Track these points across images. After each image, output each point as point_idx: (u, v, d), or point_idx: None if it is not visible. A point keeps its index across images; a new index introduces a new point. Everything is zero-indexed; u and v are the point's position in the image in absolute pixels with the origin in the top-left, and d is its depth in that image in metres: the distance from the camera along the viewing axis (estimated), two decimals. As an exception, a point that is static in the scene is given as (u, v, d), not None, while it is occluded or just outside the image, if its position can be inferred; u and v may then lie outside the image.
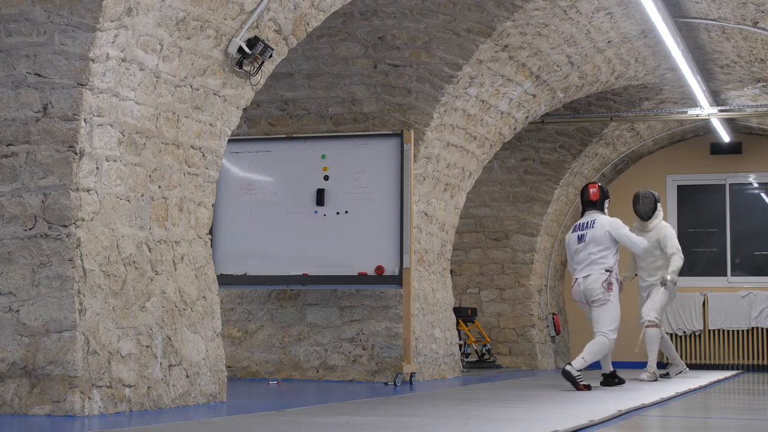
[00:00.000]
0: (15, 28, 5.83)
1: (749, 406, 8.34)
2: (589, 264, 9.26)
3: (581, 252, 9.31)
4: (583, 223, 9.46)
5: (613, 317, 9.18)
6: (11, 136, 5.97)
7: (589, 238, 9.31)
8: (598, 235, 9.26)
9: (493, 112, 11.16)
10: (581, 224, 9.48)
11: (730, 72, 12.57)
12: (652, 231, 10.84)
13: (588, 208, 9.50)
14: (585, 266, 9.29)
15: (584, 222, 9.45)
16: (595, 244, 9.25)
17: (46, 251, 5.87)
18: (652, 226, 10.89)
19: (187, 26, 6.38)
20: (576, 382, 8.79)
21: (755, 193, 16.22)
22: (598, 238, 9.25)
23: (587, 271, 9.26)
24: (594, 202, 9.46)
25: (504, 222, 14.58)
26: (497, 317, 14.41)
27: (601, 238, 9.25)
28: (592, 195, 9.46)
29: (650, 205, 10.93)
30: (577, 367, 8.87)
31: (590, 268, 9.25)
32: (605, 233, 9.25)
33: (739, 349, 15.47)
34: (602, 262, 9.21)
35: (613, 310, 9.18)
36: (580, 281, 9.30)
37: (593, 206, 9.47)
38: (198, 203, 7.00)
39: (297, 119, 10.38)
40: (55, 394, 5.73)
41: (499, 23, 9.55)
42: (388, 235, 9.65)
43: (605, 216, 9.45)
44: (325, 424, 5.52)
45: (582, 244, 9.33)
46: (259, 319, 10.48)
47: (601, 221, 9.35)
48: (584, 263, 9.29)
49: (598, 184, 9.58)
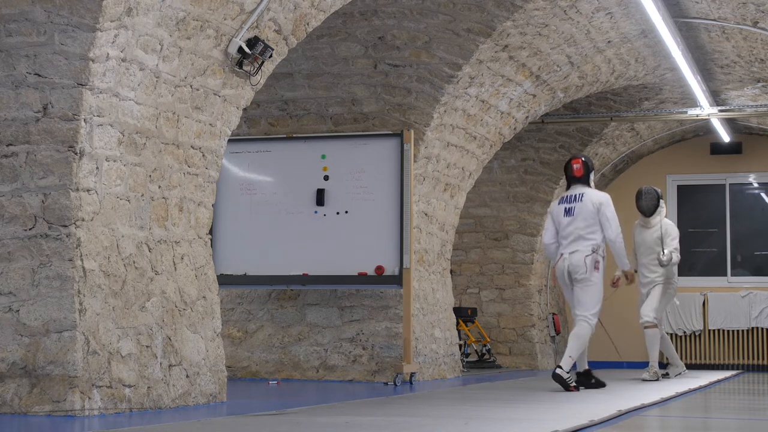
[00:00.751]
0: (15, 28, 5.83)
1: (749, 406, 8.34)
2: (575, 239, 8.85)
3: (568, 226, 8.90)
4: (571, 196, 9.03)
5: (596, 300, 8.79)
6: (11, 136, 5.97)
7: (577, 211, 8.89)
8: (587, 209, 8.87)
9: (493, 112, 11.16)
10: (568, 197, 9.04)
11: (730, 72, 12.57)
12: (654, 227, 10.78)
13: (573, 182, 9.11)
14: (571, 241, 8.88)
15: (572, 194, 9.03)
16: (582, 219, 8.85)
17: (46, 251, 5.87)
18: (654, 223, 10.83)
19: (187, 26, 6.38)
20: (567, 384, 8.57)
21: (755, 193, 16.22)
22: (587, 211, 8.86)
23: (574, 247, 8.85)
24: (579, 178, 9.07)
25: (504, 222, 14.58)
26: (497, 317, 14.41)
27: (590, 212, 8.86)
28: (575, 171, 9.07)
29: (653, 201, 10.84)
30: (566, 368, 8.62)
31: (577, 244, 8.84)
32: (594, 207, 8.87)
33: (739, 349, 15.47)
34: (590, 238, 8.81)
35: (596, 293, 8.78)
36: (565, 257, 8.87)
37: (578, 181, 9.07)
38: (198, 203, 7.00)
39: (297, 119, 10.38)
40: (55, 394, 5.73)
41: (499, 23, 9.55)
42: (388, 235, 9.66)
43: (594, 190, 9.07)
44: (325, 424, 5.52)
45: (569, 217, 8.92)
46: (259, 319, 10.48)
47: (590, 195, 8.96)
48: (570, 238, 8.88)
49: (581, 158, 9.15)
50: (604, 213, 8.86)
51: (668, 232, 10.74)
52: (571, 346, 8.82)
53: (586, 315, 8.81)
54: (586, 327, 8.82)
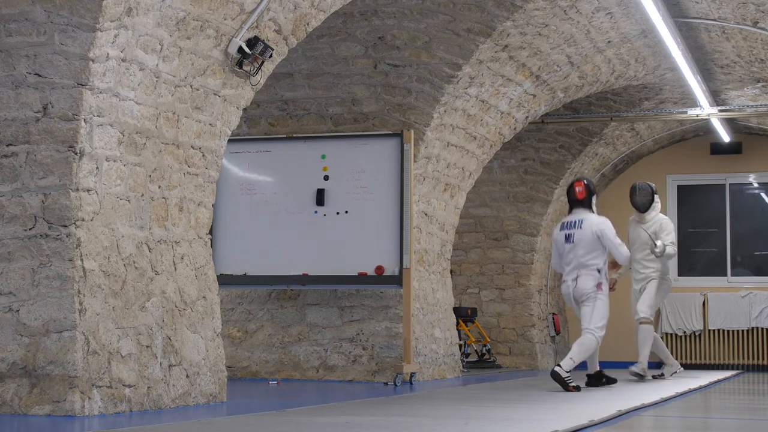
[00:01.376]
0: (15, 28, 5.83)
1: (749, 406, 8.34)
2: (577, 267, 9.02)
3: (569, 253, 9.06)
4: (570, 222, 9.16)
5: (602, 314, 8.96)
6: (11, 136, 5.97)
7: (576, 239, 9.03)
8: (586, 237, 9.00)
9: (493, 112, 11.16)
10: (568, 223, 9.18)
11: (730, 72, 12.57)
12: (649, 223, 10.71)
13: (575, 206, 9.23)
14: (573, 268, 9.05)
15: (572, 221, 9.16)
16: (582, 246, 8.99)
17: (46, 251, 5.87)
18: (649, 218, 10.74)
19: (187, 26, 6.38)
20: (566, 384, 8.61)
21: (755, 193, 16.22)
22: (586, 239, 8.99)
23: (576, 274, 9.03)
24: (581, 201, 9.18)
25: (504, 222, 14.58)
26: (497, 317, 14.41)
27: (589, 239, 8.98)
28: (578, 194, 9.19)
29: (647, 197, 10.75)
30: (566, 368, 8.67)
31: (579, 271, 9.01)
32: (593, 234, 8.99)
33: (739, 349, 15.47)
34: (592, 264, 8.98)
35: (601, 308, 8.96)
36: (569, 283, 9.07)
37: (580, 204, 9.19)
38: (198, 203, 7.00)
39: (297, 119, 10.38)
40: (55, 394, 5.73)
41: (499, 23, 9.55)
42: (388, 235, 9.65)
43: (593, 215, 9.16)
44: (325, 424, 5.52)
45: (569, 244, 9.06)
46: (259, 319, 10.48)
47: (590, 221, 9.07)
48: (572, 265, 9.05)
49: (584, 181, 9.28)
50: (609, 240, 8.99)
51: (663, 227, 10.66)
52: (575, 351, 8.92)
53: (592, 329, 8.97)
54: (591, 339, 8.97)
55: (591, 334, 8.95)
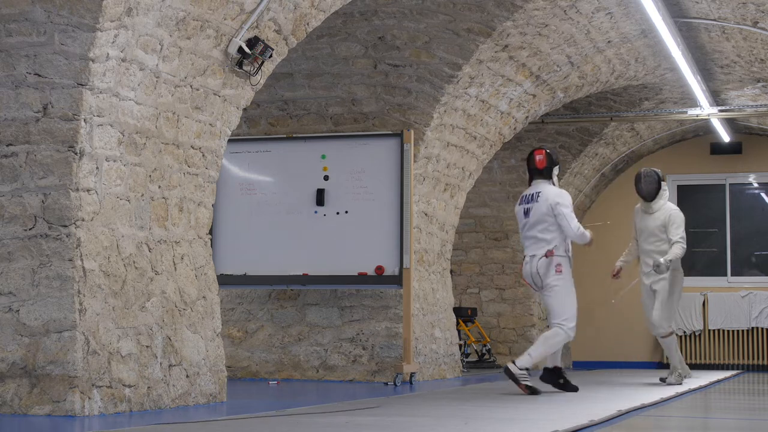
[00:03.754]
0: (15, 28, 5.83)
1: (749, 406, 8.34)
2: (534, 242, 8.36)
3: (527, 229, 8.42)
4: (528, 195, 8.52)
5: (565, 304, 8.25)
6: (11, 136, 5.97)
7: (532, 212, 8.38)
8: (542, 211, 8.33)
9: (493, 112, 11.16)
10: (526, 196, 8.53)
11: (730, 72, 12.57)
12: (657, 212, 9.82)
13: (534, 176, 8.57)
14: (531, 245, 8.39)
15: (529, 194, 8.51)
16: (538, 220, 8.34)
17: (46, 251, 5.87)
18: (656, 207, 9.83)
19: (187, 26, 6.38)
20: (517, 381, 8.00)
21: (755, 193, 16.22)
22: (542, 213, 8.32)
23: (534, 251, 8.36)
24: (540, 171, 8.50)
25: (504, 222, 14.57)
26: (497, 317, 14.41)
27: (545, 213, 8.32)
28: (537, 162, 8.49)
29: (653, 184, 9.83)
30: (520, 364, 8.03)
31: (536, 248, 8.34)
32: (548, 208, 8.31)
33: (739, 349, 15.47)
34: (543, 239, 8.30)
35: (563, 297, 8.26)
36: (527, 260, 8.42)
37: (540, 174, 8.51)
38: (198, 203, 7.00)
39: (297, 119, 10.38)
40: (55, 394, 5.73)
41: (499, 23, 9.55)
42: (388, 235, 9.65)
43: (552, 187, 8.48)
44: (325, 424, 5.52)
45: (527, 219, 8.42)
46: (259, 319, 10.48)
47: (546, 194, 8.39)
48: (530, 241, 8.40)
49: (545, 149, 8.59)
50: (561, 212, 8.31)
51: (672, 219, 9.76)
52: (536, 347, 8.30)
53: (559, 321, 8.30)
54: (559, 333, 8.30)
55: (559, 328, 8.28)
